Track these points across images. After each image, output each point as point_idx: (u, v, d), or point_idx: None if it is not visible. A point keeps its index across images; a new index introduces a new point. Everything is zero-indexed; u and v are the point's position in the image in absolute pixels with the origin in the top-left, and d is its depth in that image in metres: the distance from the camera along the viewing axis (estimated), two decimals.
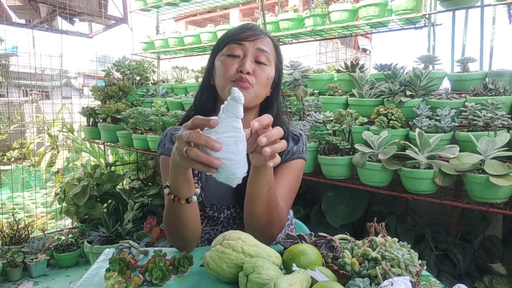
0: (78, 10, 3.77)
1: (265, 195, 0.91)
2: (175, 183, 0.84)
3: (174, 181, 0.84)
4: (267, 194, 0.91)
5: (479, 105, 1.65)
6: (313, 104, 2.09)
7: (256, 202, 0.92)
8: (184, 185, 0.84)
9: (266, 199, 0.92)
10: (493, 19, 2.18)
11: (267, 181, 0.89)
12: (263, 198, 0.91)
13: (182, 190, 0.85)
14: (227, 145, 0.67)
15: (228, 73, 1.00)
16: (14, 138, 6.32)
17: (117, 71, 3.53)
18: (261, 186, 0.89)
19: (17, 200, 4.48)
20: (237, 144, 0.67)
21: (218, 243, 0.79)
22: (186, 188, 0.85)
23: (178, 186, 0.84)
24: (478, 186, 1.46)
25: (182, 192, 0.85)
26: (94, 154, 4.32)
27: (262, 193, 0.90)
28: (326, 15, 2.72)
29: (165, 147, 1.09)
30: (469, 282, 1.79)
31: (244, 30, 1.04)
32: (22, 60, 4.36)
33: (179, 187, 0.85)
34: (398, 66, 2.06)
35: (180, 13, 4.31)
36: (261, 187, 0.89)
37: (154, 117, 2.71)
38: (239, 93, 0.66)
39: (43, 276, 2.85)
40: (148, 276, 0.79)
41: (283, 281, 0.64)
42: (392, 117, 1.81)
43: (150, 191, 3.31)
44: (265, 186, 0.89)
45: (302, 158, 1.10)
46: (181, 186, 0.84)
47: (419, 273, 0.68)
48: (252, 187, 0.90)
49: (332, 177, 1.88)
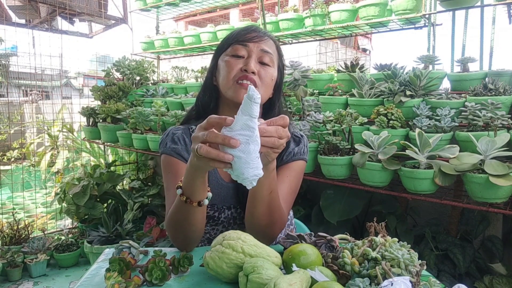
0: (78, 10, 3.77)
1: (266, 196, 0.91)
2: (191, 185, 0.84)
3: (190, 184, 0.84)
4: (268, 196, 0.91)
5: (479, 105, 1.65)
6: (313, 104, 2.09)
7: (258, 203, 0.92)
8: (199, 188, 0.85)
9: (268, 201, 0.92)
10: (493, 19, 2.18)
11: (269, 183, 0.89)
12: (265, 200, 0.92)
13: (196, 193, 0.85)
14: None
15: (232, 72, 1.01)
16: (14, 138, 6.32)
17: (117, 71, 3.53)
18: (262, 187, 0.89)
19: (17, 200, 4.48)
20: (248, 144, 0.66)
21: (218, 243, 0.79)
22: (201, 191, 0.85)
23: (193, 189, 0.84)
24: (478, 186, 1.46)
25: (196, 194, 0.85)
26: (94, 154, 4.32)
27: (263, 195, 0.91)
28: (326, 15, 2.72)
29: (167, 146, 1.09)
30: (469, 282, 1.79)
31: (249, 32, 1.05)
32: (22, 60, 4.37)
33: (195, 190, 0.85)
34: (398, 66, 2.06)
35: (180, 13, 4.31)
36: (263, 189, 0.90)
37: (154, 117, 2.71)
38: (255, 91, 0.65)
39: (43, 276, 2.85)
40: (148, 276, 0.79)
41: (283, 281, 0.64)
42: (392, 117, 1.81)
43: (150, 191, 3.31)
44: (266, 188, 0.90)
45: (303, 159, 1.11)
46: (197, 189, 0.84)
47: (419, 273, 0.68)
48: (254, 188, 0.90)
49: (332, 177, 1.88)
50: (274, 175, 0.90)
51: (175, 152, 1.06)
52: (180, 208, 0.90)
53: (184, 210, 0.89)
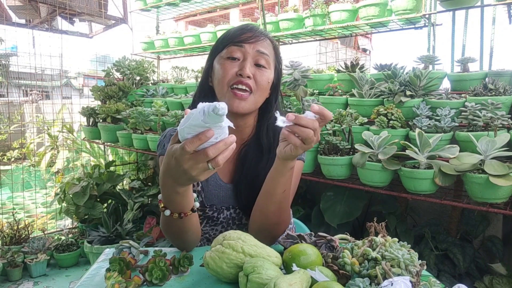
0: (78, 10, 3.76)
1: (280, 195, 0.92)
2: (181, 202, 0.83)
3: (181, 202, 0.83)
4: (281, 194, 0.93)
5: (479, 105, 1.65)
6: (313, 104, 2.09)
7: (271, 201, 0.93)
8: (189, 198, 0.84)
9: (280, 199, 0.93)
10: (493, 19, 2.18)
11: (284, 181, 0.90)
12: (278, 198, 0.93)
13: (187, 204, 0.84)
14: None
15: (227, 77, 0.99)
16: (14, 138, 6.32)
17: (117, 71, 3.53)
18: (278, 185, 0.90)
19: (17, 200, 4.48)
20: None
21: (218, 243, 0.79)
22: (190, 199, 0.85)
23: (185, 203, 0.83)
24: (478, 186, 1.46)
25: (186, 206, 0.85)
26: (94, 154, 4.32)
27: (277, 193, 0.92)
28: (326, 15, 2.72)
29: (164, 147, 1.09)
30: (469, 282, 1.79)
31: (244, 32, 1.02)
32: (22, 60, 4.37)
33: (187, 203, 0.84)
34: (398, 66, 2.06)
35: (180, 13, 4.31)
36: (278, 187, 0.91)
37: (154, 117, 2.71)
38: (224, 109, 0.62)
39: (43, 276, 2.85)
40: (148, 276, 0.79)
41: (283, 281, 0.64)
42: (392, 117, 1.81)
43: (150, 191, 3.31)
44: (282, 186, 0.91)
45: (301, 160, 1.11)
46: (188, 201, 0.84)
47: (419, 273, 0.68)
48: (270, 184, 0.92)
49: (332, 177, 1.88)
50: (291, 174, 0.90)
51: None
52: (174, 222, 0.88)
53: (179, 223, 0.88)
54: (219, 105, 0.61)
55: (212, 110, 0.62)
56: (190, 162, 0.69)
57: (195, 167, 0.70)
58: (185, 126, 0.67)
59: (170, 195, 0.81)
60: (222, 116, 0.63)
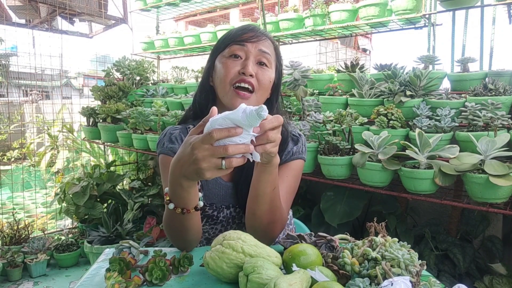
0: (78, 10, 3.76)
1: (269, 194, 0.91)
2: (185, 198, 0.83)
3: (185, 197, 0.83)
4: (271, 193, 0.91)
5: (479, 105, 1.65)
6: (313, 104, 2.09)
7: (260, 201, 0.92)
8: (195, 195, 0.84)
9: (270, 198, 0.92)
10: (493, 19, 2.18)
11: (272, 179, 0.89)
12: (267, 197, 0.92)
13: (190, 201, 0.84)
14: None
15: (229, 75, 0.99)
16: (14, 138, 6.32)
17: (117, 71, 3.53)
18: (266, 184, 0.89)
19: (17, 200, 4.47)
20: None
21: (218, 243, 0.79)
22: (195, 196, 0.85)
23: (189, 199, 0.83)
24: (478, 186, 1.46)
25: (190, 203, 0.85)
26: (94, 154, 4.32)
27: (266, 192, 0.91)
28: (326, 15, 2.72)
29: (164, 146, 1.09)
30: (469, 282, 1.79)
31: (246, 31, 1.03)
32: (22, 60, 4.36)
33: (191, 200, 0.84)
34: (398, 66, 2.06)
35: (180, 13, 4.31)
36: (266, 186, 0.90)
37: (154, 117, 2.71)
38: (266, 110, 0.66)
39: (43, 276, 2.85)
40: (148, 276, 0.79)
41: (283, 281, 0.64)
42: (392, 117, 1.81)
43: (150, 191, 3.31)
44: (270, 184, 0.90)
45: (302, 159, 1.11)
46: (192, 198, 0.84)
47: (419, 273, 0.68)
48: (257, 186, 0.91)
49: (332, 177, 1.88)
50: (276, 172, 0.90)
51: (172, 151, 1.06)
52: (177, 218, 0.88)
53: (181, 219, 0.88)
54: (262, 106, 0.65)
55: (255, 110, 0.65)
56: (206, 152, 0.69)
57: (208, 159, 0.70)
58: (220, 117, 0.68)
59: (175, 187, 0.81)
60: (261, 118, 0.66)
